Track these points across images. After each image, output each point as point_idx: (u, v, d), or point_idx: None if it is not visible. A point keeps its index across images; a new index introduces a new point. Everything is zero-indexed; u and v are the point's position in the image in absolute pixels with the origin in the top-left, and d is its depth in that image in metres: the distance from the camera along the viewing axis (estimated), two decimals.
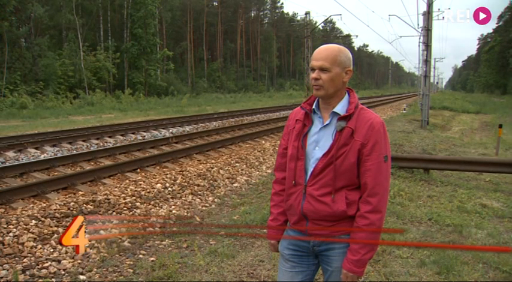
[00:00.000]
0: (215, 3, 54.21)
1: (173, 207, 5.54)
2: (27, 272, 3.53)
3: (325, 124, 1.75)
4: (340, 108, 1.73)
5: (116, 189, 6.03)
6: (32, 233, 4.25)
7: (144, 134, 12.14)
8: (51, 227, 4.47)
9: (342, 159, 1.68)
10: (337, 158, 1.68)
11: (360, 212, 1.68)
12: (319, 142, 1.74)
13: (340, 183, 1.70)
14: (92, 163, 8.00)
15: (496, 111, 26.06)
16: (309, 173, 1.75)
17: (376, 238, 1.70)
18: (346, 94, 1.79)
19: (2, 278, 3.41)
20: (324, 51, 1.72)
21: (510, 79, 54.31)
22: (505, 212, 5.20)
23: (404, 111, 23.83)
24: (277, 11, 65.97)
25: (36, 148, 9.14)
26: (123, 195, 5.73)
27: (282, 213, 1.92)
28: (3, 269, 3.54)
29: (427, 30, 16.25)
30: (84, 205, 5.19)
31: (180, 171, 7.24)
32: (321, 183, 1.72)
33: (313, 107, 1.80)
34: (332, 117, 1.74)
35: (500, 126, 10.49)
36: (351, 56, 1.76)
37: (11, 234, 4.17)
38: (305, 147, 1.77)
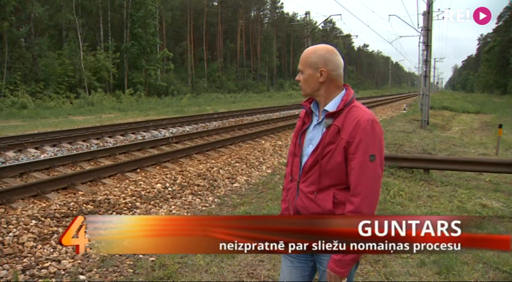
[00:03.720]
0: (215, 3, 54.18)
1: (173, 207, 5.54)
2: (27, 272, 3.53)
3: (318, 122, 1.79)
4: (332, 105, 1.75)
5: (116, 189, 6.03)
6: (32, 233, 4.26)
7: (144, 134, 12.14)
8: (51, 227, 4.48)
9: (328, 157, 1.69)
10: (323, 157, 1.69)
11: (345, 211, 1.68)
12: (313, 140, 1.78)
13: (327, 182, 1.71)
14: (92, 163, 8.00)
15: (496, 111, 26.00)
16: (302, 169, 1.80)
17: None
18: (343, 91, 1.79)
19: (2, 278, 3.41)
20: (302, 54, 1.80)
21: (510, 79, 54.24)
22: (505, 212, 5.20)
23: (404, 111, 23.82)
24: (277, 11, 65.89)
25: (36, 148, 9.14)
26: (123, 195, 5.74)
27: (288, 208, 1.94)
28: (3, 269, 3.55)
29: (427, 30, 16.26)
30: (84, 205, 5.19)
31: (180, 171, 7.24)
32: (310, 181, 1.74)
33: (311, 105, 1.84)
34: (324, 115, 1.77)
35: (500, 126, 10.49)
36: (329, 55, 1.73)
37: (11, 234, 4.18)
38: (302, 144, 1.81)
